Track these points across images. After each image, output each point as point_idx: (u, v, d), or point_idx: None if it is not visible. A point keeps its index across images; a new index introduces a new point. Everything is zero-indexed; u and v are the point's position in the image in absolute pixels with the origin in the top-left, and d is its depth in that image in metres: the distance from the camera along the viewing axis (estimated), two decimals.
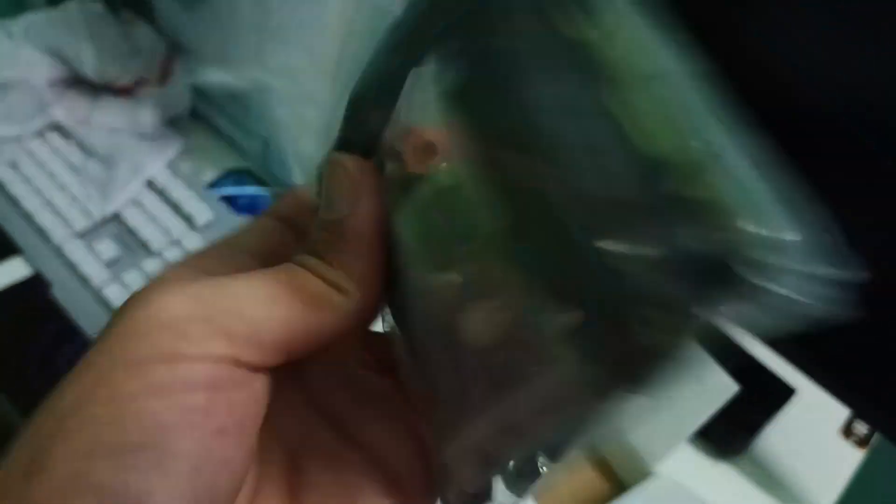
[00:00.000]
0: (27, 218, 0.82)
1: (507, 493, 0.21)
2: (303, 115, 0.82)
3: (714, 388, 0.65)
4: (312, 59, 0.78)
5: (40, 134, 0.89)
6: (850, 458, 0.78)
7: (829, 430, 0.79)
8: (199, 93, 0.93)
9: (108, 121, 0.89)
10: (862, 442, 0.78)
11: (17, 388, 0.72)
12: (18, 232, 0.81)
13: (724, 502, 0.67)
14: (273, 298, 0.22)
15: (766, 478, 0.73)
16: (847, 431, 0.79)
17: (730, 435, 0.71)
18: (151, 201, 0.84)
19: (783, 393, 0.74)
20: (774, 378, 0.74)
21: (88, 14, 0.93)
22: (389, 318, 0.24)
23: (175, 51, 0.93)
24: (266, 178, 0.90)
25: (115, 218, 0.83)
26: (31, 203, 0.82)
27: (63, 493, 0.19)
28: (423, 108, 0.20)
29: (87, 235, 0.81)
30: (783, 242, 0.16)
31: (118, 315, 0.22)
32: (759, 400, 0.73)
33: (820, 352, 0.69)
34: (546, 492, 0.65)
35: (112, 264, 0.79)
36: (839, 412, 0.79)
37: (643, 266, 0.16)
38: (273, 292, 0.22)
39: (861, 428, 0.79)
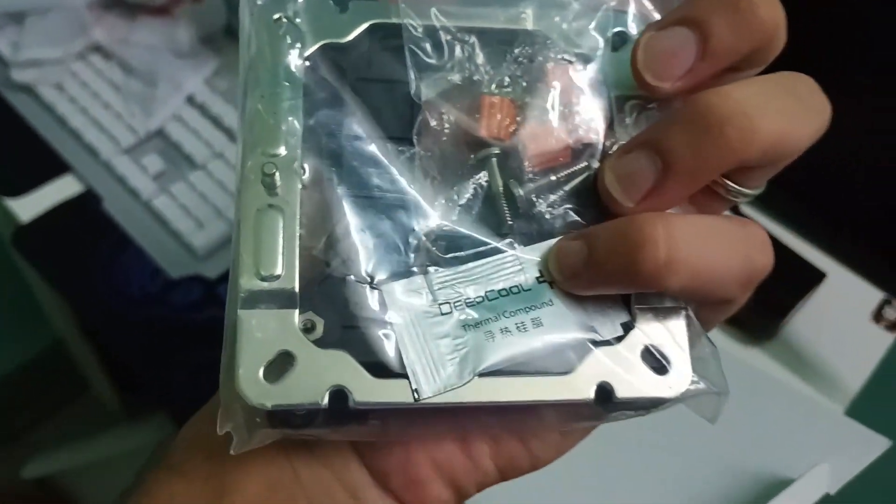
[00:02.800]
0: (75, 136, 0.85)
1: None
2: None
3: None
4: None
5: (82, 55, 0.91)
6: (881, 342, 0.79)
7: (859, 315, 0.80)
8: (234, 9, 0.95)
9: (146, 40, 0.92)
10: (893, 326, 0.80)
11: (81, 296, 0.76)
12: (68, 150, 0.85)
13: (755, 386, 0.70)
14: None
15: (797, 362, 0.75)
16: (878, 316, 0.80)
17: (760, 319, 0.73)
18: (192, 116, 0.87)
19: (813, 277, 0.76)
20: (804, 262, 0.76)
21: None
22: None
23: None
24: None
25: (159, 133, 0.86)
26: (77, 122, 0.86)
27: None
28: None
29: (134, 151, 0.84)
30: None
31: None
32: (788, 284, 0.74)
33: (853, 233, 0.70)
34: None
35: (159, 177, 0.82)
36: (869, 298, 0.80)
37: None
38: None
39: (892, 312, 0.80)
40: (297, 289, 0.23)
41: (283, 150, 0.24)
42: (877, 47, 0.62)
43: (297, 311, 0.23)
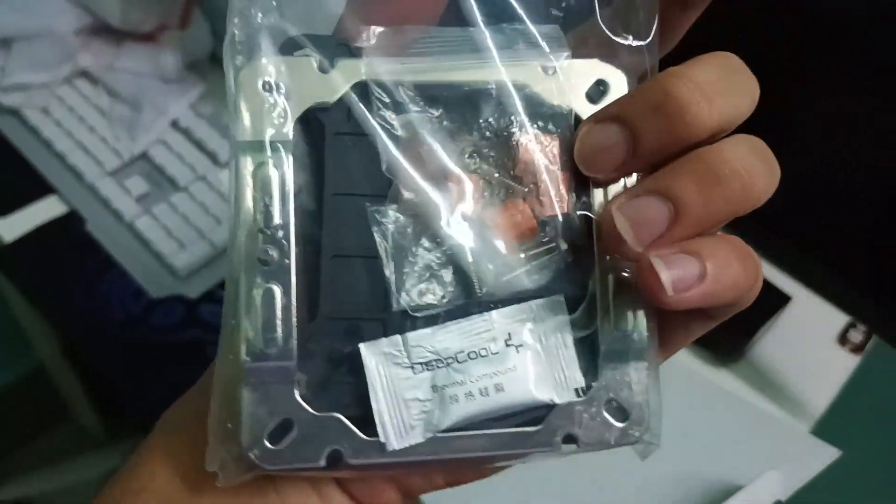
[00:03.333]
0: (60, 159, 0.87)
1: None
2: None
3: None
4: None
5: (68, 80, 0.93)
6: (845, 364, 0.81)
7: (825, 337, 0.82)
8: (219, 37, 0.97)
9: (132, 66, 0.94)
10: (857, 349, 0.82)
11: (63, 317, 0.77)
12: (53, 172, 0.86)
13: (711, 400, 0.70)
14: None
15: (763, 382, 0.77)
16: (843, 339, 0.83)
17: (727, 339, 0.75)
18: (177, 140, 0.89)
19: (779, 300, 0.78)
20: (770, 285, 0.78)
21: None
22: None
23: None
24: None
25: (144, 156, 0.88)
26: (63, 145, 0.87)
27: None
28: None
29: (118, 174, 0.86)
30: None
31: None
32: (754, 305, 0.76)
33: (819, 257, 0.72)
34: None
35: (142, 199, 0.84)
36: (835, 321, 0.83)
37: None
38: None
39: (857, 335, 0.83)
40: (295, 360, 0.25)
41: (276, 221, 0.25)
42: (847, 69, 0.65)
43: (295, 380, 0.25)
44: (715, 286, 0.24)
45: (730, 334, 0.75)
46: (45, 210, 0.84)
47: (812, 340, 0.82)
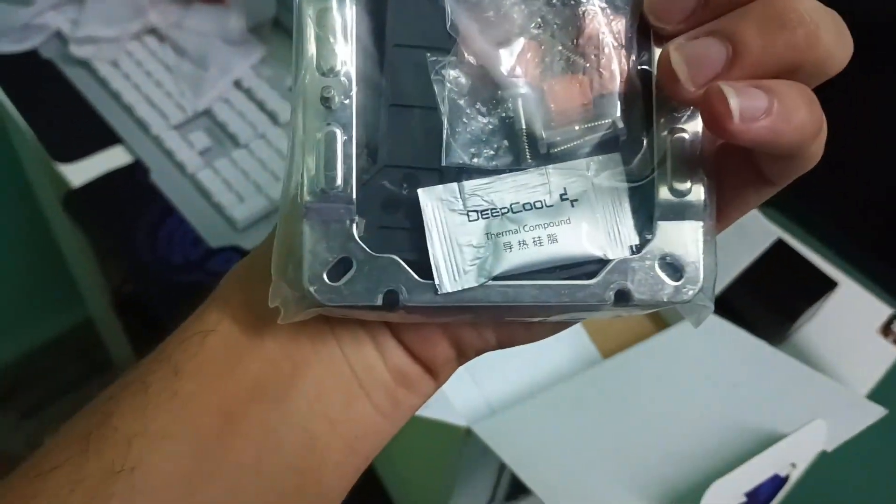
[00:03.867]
0: (128, 111, 0.90)
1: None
2: None
3: (755, 235, 0.69)
4: None
5: (137, 36, 0.96)
6: (887, 356, 0.82)
7: (867, 327, 0.83)
8: (283, 3, 0.99)
9: (199, 26, 0.96)
10: None
11: (126, 258, 0.80)
12: (120, 123, 0.89)
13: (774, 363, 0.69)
14: None
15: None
16: (886, 330, 0.83)
17: (770, 321, 0.76)
18: (239, 99, 0.91)
19: (825, 284, 0.78)
20: (816, 270, 0.79)
21: None
22: None
23: None
24: None
25: (207, 113, 0.90)
26: (131, 97, 0.90)
27: None
28: None
29: (182, 128, 0.89)
30: None
31: None
32: (800, 289, 0.77)
33: (868, 242, 0.73)
34: (594, 324, 0.71)
35: (205, 153, 0.87)
36: (879, 312, 0.83)
37: None
38: None
39: None
40: (354, 201, 0.26)
41: (338, 63, 0.26)
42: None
43: (355, 220, 0.26)
44: (782, 123, 0.23)
45: (774, 316, 0.76)
46: (111, 159, 0.87)
47: (855, 329, 0.82)
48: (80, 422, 0.28)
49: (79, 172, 0.85)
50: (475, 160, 0.27)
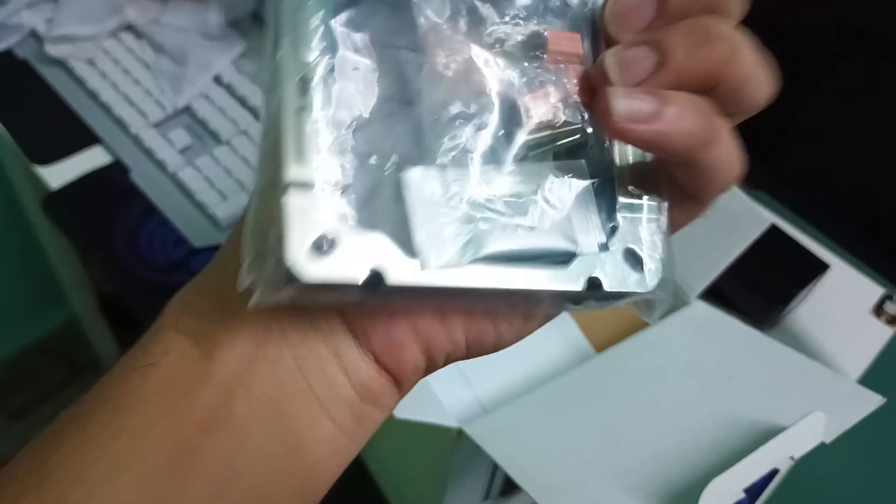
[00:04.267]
0: (105, 110, 0.88)
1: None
2: None
3: (747, 222, 0.69)
4: None
5: (114, 33, 0.94)
6: (880, 335, 0.81)
7: (860, 308, 0.82)
8: None
9: (177, 21, 0.95)
10: (892, 321, 0.82)
11: (107, 261, 0.79)
12: (98, 123, 0.88)
13: (768, 354, 0.69)
14: None
15: (797, 350, 0.77)
16: (878, 310, 0.83)
17: (762, 306, 0.76)
18: (219, 95, 0.90)
19: (817, 267, 0.78)
20: (808, 253, 0.78)
21: None
22: None
23: None
24: None
25: (187, 110, 0.89)
26: (108, 96, 0.89)
27: None
28: None
29: (162, 126, 0.87)
30: None
31: None
32: (792, 272, 0.77)
33: (859, 225, 0.72)
34: (585, 316, 0.70)
35: (185, 151, 0.85)
36: (871, 292, 0.83)
37: None
38: None
39: (893, 307, 0.82)
40: (339, 177, 0.25)
41: (314, 46, 0.26)
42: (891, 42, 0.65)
43: (338, 196, 0.25)
44: (668, 128, 0.25)
45: (766, 300, 0.76)
46: (90, 159, 0.85)
47: (847, 310, 0.82)
48: (16, 468, 0.26)
49: (58, 174, 0.83)
50: (452, 160, 0.28)
